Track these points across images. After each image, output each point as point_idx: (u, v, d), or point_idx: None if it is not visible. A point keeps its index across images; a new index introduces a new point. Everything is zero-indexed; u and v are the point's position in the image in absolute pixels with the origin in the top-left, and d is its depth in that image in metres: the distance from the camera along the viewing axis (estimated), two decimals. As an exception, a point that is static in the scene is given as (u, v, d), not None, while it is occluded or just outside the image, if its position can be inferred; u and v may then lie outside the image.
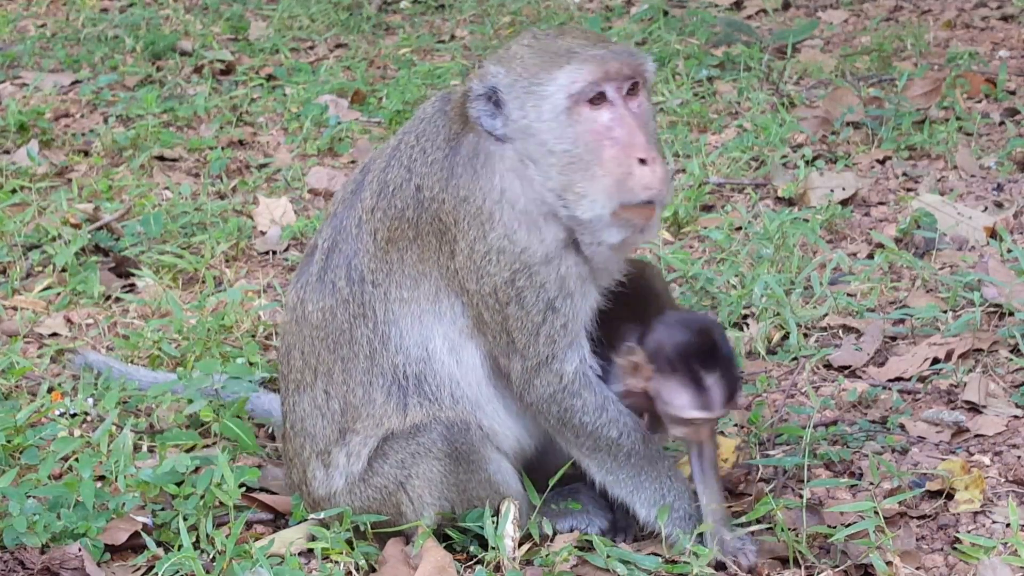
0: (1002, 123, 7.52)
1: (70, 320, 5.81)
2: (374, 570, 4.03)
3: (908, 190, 6.80)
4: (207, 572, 3.95)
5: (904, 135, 7.31)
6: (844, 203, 6.59)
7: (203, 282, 6.14)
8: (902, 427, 4.74)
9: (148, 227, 6.50)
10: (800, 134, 7.51)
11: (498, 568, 3.94)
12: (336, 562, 3.99)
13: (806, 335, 5.41)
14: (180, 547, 4.03)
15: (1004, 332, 5.19)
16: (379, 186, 4.08)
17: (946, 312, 5.42)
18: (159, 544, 4.15)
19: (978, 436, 4.66)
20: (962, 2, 10.08)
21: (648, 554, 4.03)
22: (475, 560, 4.01)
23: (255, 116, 8.37)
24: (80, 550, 4.06)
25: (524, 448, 4.16)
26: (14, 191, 7.02)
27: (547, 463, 4.19)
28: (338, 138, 7.86)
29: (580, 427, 4.02)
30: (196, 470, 4.29)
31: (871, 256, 6.05)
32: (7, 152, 7.72)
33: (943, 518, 4.21)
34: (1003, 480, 4.39)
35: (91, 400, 5.04)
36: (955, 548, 4.06)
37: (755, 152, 7.27)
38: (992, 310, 5.39)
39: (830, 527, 4.07)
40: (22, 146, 7.68)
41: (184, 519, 4.16)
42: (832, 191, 6.60)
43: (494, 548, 3.95)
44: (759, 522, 4.09)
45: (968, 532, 4.12)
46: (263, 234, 6.66)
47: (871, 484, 4.34)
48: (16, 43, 10.03)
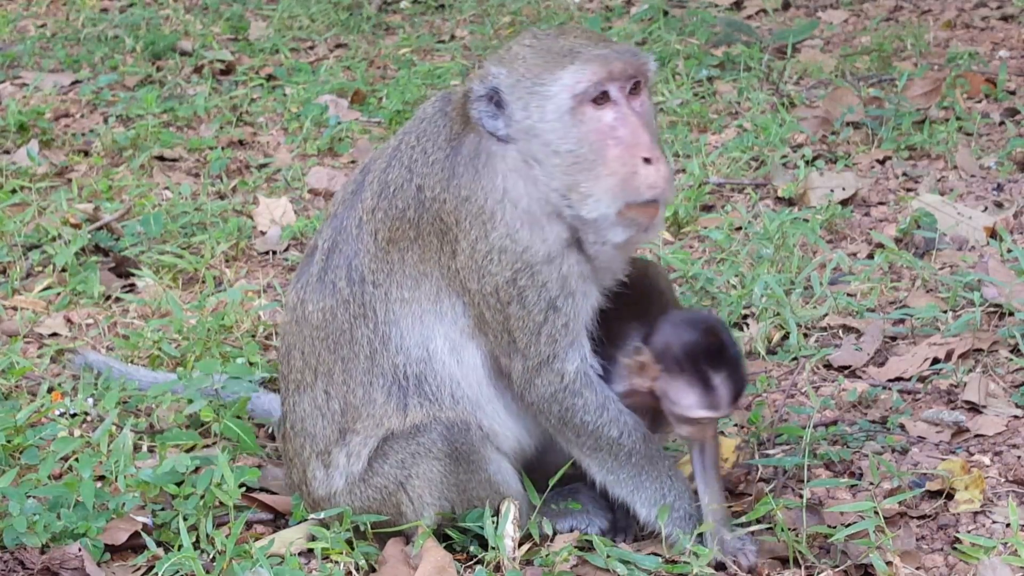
0: (1002, 123, 7.52)
1: (70, 320, 5.81)
2: (374, 570, 4.03)
3: (908, 190, 6.79)
4: (207, 572, 3.95)
5: (904, 135, 7.31)
6: (844, 203, 6.59)
7: (203, 282, 6.14)
8: (902, 427, 4.73)
9: (148, 227, 6.50)
10: (800, 134, 7.51)
11: (498, 568, 3.94)
12: (336, 562, 3.99)
13: (806, 335, 5.41)
14: (180, 547, 4.03)
15: (1004, 332, 5.19)
16: (380, 186, 4.08)
17: (946, 312, 5.42)
18: (159, 544, 4.15)
19: (978, 436, 4.66)
20: (962, 2, 10.08)
21: (648, 554, 4.03)
22: (475, 560, 4.00)
23: (255, 116, 8.37)
24: (80, 550, 4.06)
25: (524, 448, 4.16)
26: (14, 191, 7.01)
27: (547, 463, 4.19)
28: (338, 138, 7.86)
29: (581, 426, 4.02)
30: (196, 470, 4.29)
31: (871, 256, 6.04)
32: (7, 152, 7.72)
33: (943, 518, 4.21)
34: (1003, 480, 4.39)
35: (91, 400, 5.04)
36: (955, 548, 4.06)
37: (755, 152, 7.27)
38: (992, 310, 5.38)
39: (830, 527, 4.06)
40: (22, 146, 7.67)
41: (184, 519, 4.15)
42: (832, 191, 6.60)
43: (494, 548, 3.94)
44: (759, 522, 4.09)
45: (968, 532, 4.12)
46: (263, 234, 6.66)
47: (871, 484, 4.34)
48: (16, 43, 10.03)
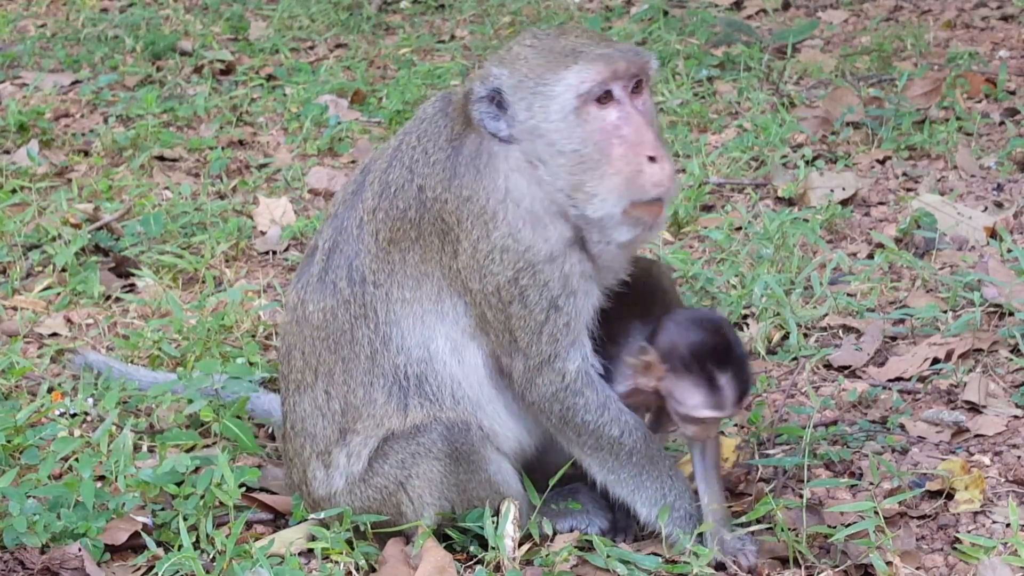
0: (1002, 123, 7.52)
1: (70, 320, 5.81)
2: (374, 570, 4.03)
3: (908, 190, 6.79)
4: (207, 572, 3.95)
5: (904, 135, 7.31)
6: (844, 203, 6.59)
7: (203, 282, 6.14)
8: (902, 427, 4.73)
9: (148, 227, 6.50)
10: (800, 134, 7.51)
11: (498, 568, 3.94)
12: (336, 562, 3.99)
13: (806, 335, 5.41)
14: (180, 547, 4.03)
15: (1004, 332, 5.19)
16: (381, 187, 4.08)
17: (946, 312, 5.42)
18: (159, 544, 4.15)
19: (978, 436, 4.65)
20: (962, 2, 10.08)
21: (648, 554, 4.03)
22: (475, 560, 4.00)
23: (255, 116, 8.37)
24: (80, 550, 4.06)
25: (524, 448, 4.16)
26: (14, 191, 7.01)
27: (547, 463, 4.19)
28: (338, 138, 7.86)
29: (582, 426, 4.02)
30: (196, 470, 4.29)
31: (871, 256, 6.04)
32: (7, 152, 7.72)
33: (943, 518, 4.21)
34: (1003, 480, 4.39)
35: (91, 400, 5.04)
36: (955, 548, 4.06)
37: (755, 152, 7.26)
38: (992, 310, 5.38)
39: (830, 527, 4.06)
40: (22, 146, 7.67)
41: (184, 519, 4.15)
42: (832, 191, 6.60)
43: (494, 548, 3.94)
44: (759, 522, 4.09)
45: (968, 532, 4.11)
46: (263, 234, 6.66)
47: (871, 484, 4.34)
48: (16, 43, 10.03)
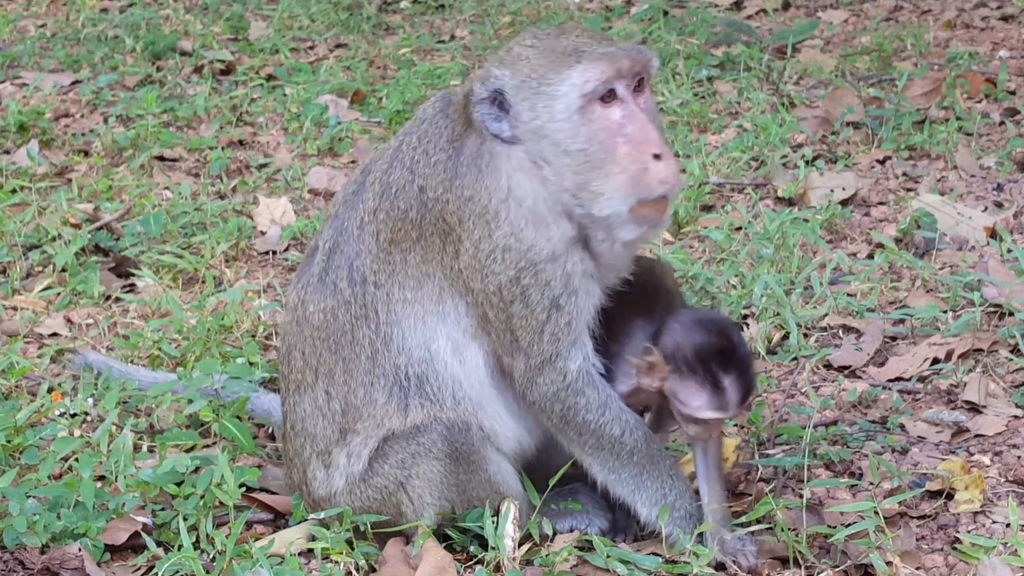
0: (1002, 123, 7.52)
1: (70, 320, 5.81)
2: (374, 570, 4.03)
3: (908, 190, 6.79)
4: (207, 572, 3.95)
5: (904, 135, 7.31)
6: (844, 203, 6.59)
7: (203, 282, 6.14)
8: (902, 427, 4.73)
9: (148, 227, 6.50)
10: (800, 134, 7.50)
11: (498, 568, 3.94)
12: (336, 562, 3.99)
13: (806, 335, 5.41)
14: (180, 547, 4.03)
15: (1004, 332, 5.19)
16: (381, 187, 4.07)
17: (946, 312, 5.42)
18: (159, 544, 4.15)
19: (978, 436, 4.65)
20: (962, 2, 10.08)
21: (648, 554, 4.03)
22: (475, 560, 4.00)
23: (255, 116, 8.37)
24: (80, 550, 4.06)
25: (524, 448, 4.16)
26: (14, 191, 7.01)
27: (547, 463, 4.19)
28: (338, 138, 7.86)
29: (583, 425, 4.02)
30: (196, 470, 4.29)
31: (871, 256, 6.04)
32: (7, 152, 7.72)
33: (943, 518, 4.21)
34: (1003, 480, 4.39)
35: (91, 400, 5.04)
36: (955, 548, 4.05)
37: (755, 152, 7.26)
38: (992, 310, 5.38)
39: (830, 527, 4.06)
40: (22, 146, 7.67)
41: (184, 519, 4.15)
42: (832, 191, 6.59)
43: (494, 548, 3.94)
44: (759, 522, 4.09)
45: (968, 532, 4.11)
46: (263, 234, 6.66)
47: (871, 484, 4.34)
48: (16, 43, 10.03)
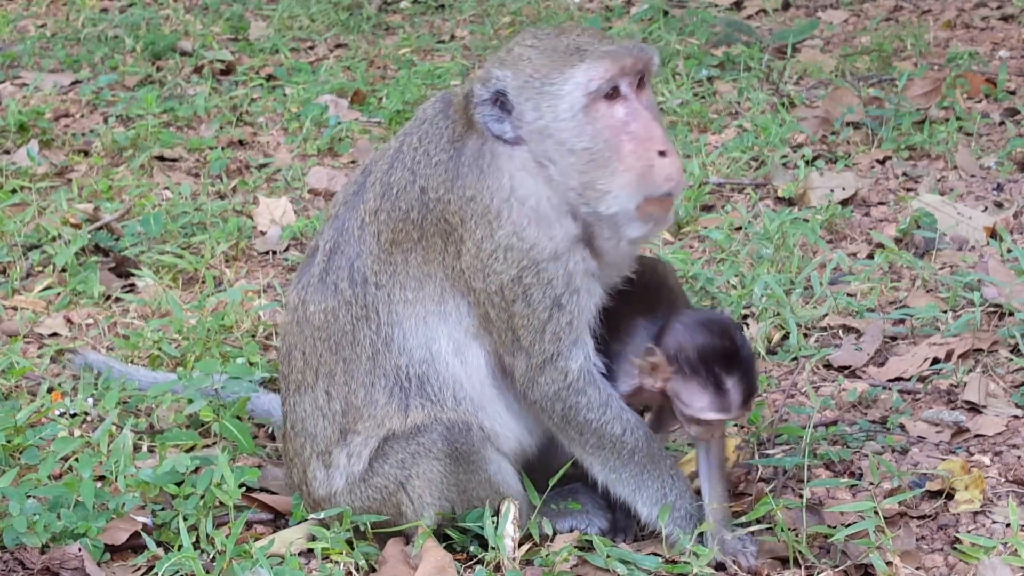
0: (1002, 123, 7.51)
1: (70, 320, 5.81)
2: (374, 570, 4.03)
3: (908, 190, 6.79)
4: (207, 572, 3.95)
5: (904, 135, 7.31)
6: (844, 203, 6.59)
7: (203, 282, 6.14)
8: (902, 427, 4.73)
9: (148, 227, 6.50)
10: (800, 134, 7.50)
11: (498, 568, 3.94)
12: (336, 562, 3.99)
13: (806, 335, 5.41)
14: (180, 547, 4.03)
15: (1004, 332, 5.19)
16: (382, 188, 4.07)
17: (946, 312, 5.42)
18: (159, 544, 4.15)
19: (978, 436, 4.65)
20: (962, 2, 10.08)
21: (648, 554, 4.03)
22: (475, 560, 4.00)
23: (255, 116, 8.37)
24: (80, 550, 4.06)
25: (525, 449, 4.16)
26: (14, 191, 7.01)
27: (547, 463, 4.19)
28: (338, 138, 7.86)
29: (584, 424, 4.01)
30: (196, 470, 4.29)
31: (871, 256, 6.04)
32: (7, 152, 7.72)
33: (943, 518, 4.21)
34: (1003, 480, 4.39)
35: (91, 400, 5.04)
36: (955, 548, 4.05)
37: (755, 152, 7.26)
38: (992, 310, 5.38)
39: (830, 527, 4.06)
40: (22, 146, 7.67)
41: (184, 519, 4.15)
42: (832, 191, 6.59)
43: (494, 548, 3.94)
44: (759, 522, 4.08)
45: (968, 532, 4.11)
46: (263, 234, 6.66)
47: (871, 484, 4.34)
48: (16, 43, 10.03)
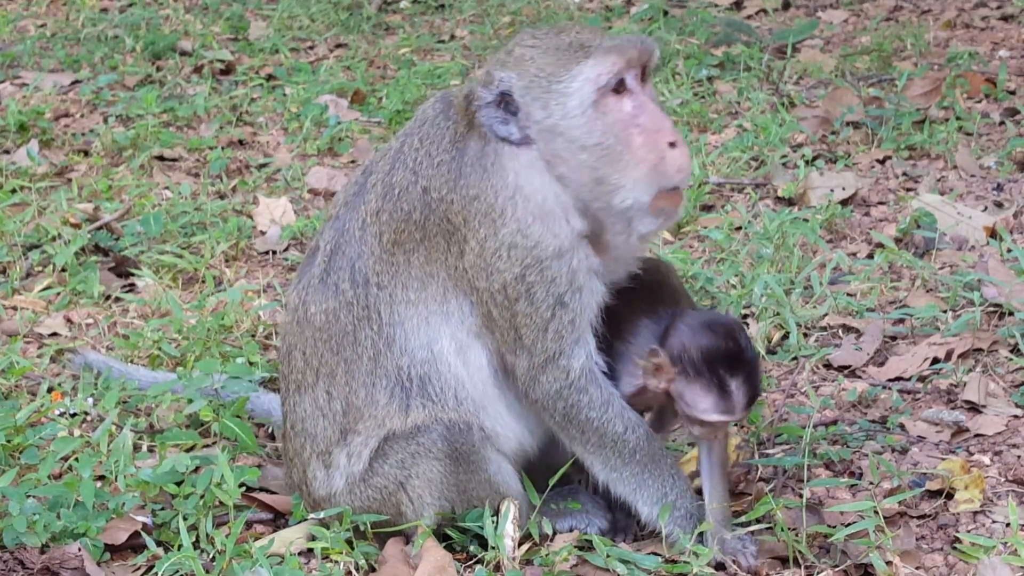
0: (1002, 123, 7.52)
1: (70, 320, 5.81)
2: (374, 570, 4.03)
3: (908, 190, 6.79)
4: (207, 572, 3.95)
5: (904, 135, 7.31)
6: (844, 203, 6.59)
7: (203, 282, 6.14)
8: (902, 427, 4.73)
9: (148, 227, 6.50)
10: (800, 134, 7.51)
11: (498, 568, 3.94)
12: (336, 562, 3.99)
13: (806, 335, 5.41)
14: (180, 547, 4.03)
15: (1004, 332, 5.19)
16: (384, 189, 4.07)
17: (946, 312, 5.42)
18: (159, 544, 4.15)
19: (978, 436, 4.65)
20: (962, 2, 10.08)
21: (648, 554, 4.03)
22: (475, 560, 4.00)
23: (255, 116, 8.37)
24: (80, 550, 4.06)
25: (525, 449, 4.16)
26: (14, 191, 7.01)
27: (547, 463, 4.19)
28: (338, 138, 7.86)
29: (586, 423, 4.01)
30: (196, 470, 4.29)
31: (871, 256, 6.04)
32: (7, 152, 7.72)
33: (943, 518, 4.21)
34: (1003, 480, 4.39)
35: (91, 400, 5.04)
36: (955, 548, 4.05)
37: (755, 152, 7.26)
38: (992, 310, 5.38)
39: (830, 527, 4.06)
40: (22, 146, 7.67)
41: (184, 519, 4.15)
42: (832, 191, 6.60)
43: (494, 548, 3.94)
44: (759, 522, 4.08)
45: (968, 532, 4.11)
46: (263, 234, 6.66)
47: (871, 484, 4.34)
48: (16, 43, 10.03)
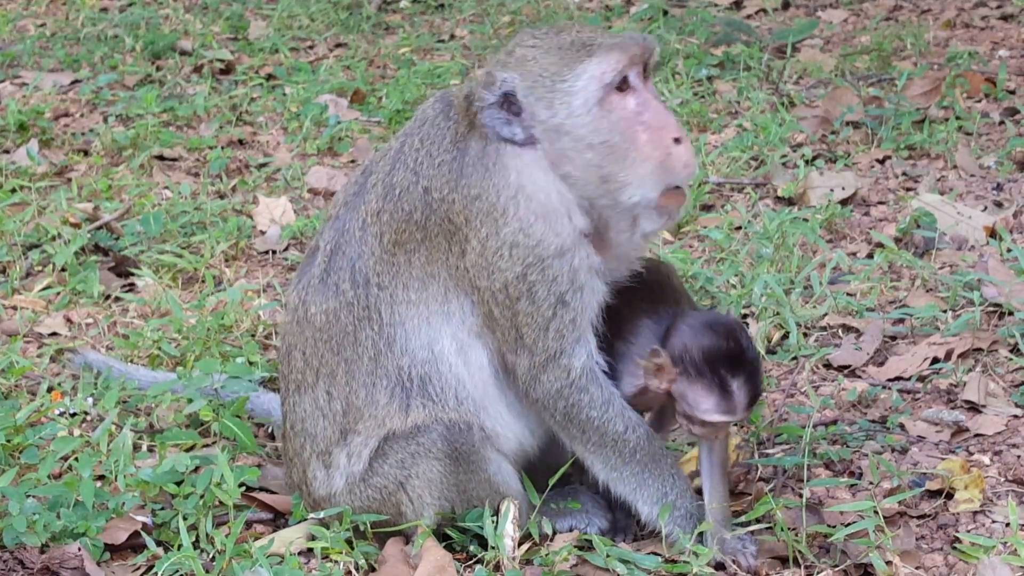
0: (1002, 123, 7.51)
1: (70, 320, 5.81)
2: (374, 570, 4.03)
3: (908, 190, 6.79)
4: (207, 572, 3.95)
5: (904, 135, 7.31)
6: (844, 203, 6.59)
7: (203, 282, 6.14)
8: (902, 427, 4.73)
9: (148, 227, 6.50)
10: (800, 134, 7.50)
11: (498, 568, 3.94)
12: (336, 562, 3.99)
13: (806, 335, 5.41)
14: (180, 547, 4.03)
15: (1004, 332, 5.19)
16: (384, 189, 4.07)
17: (946, 312, 5.42)
18: (159, 544, 4.15)
19: (978, 436, 4.65)
20: (962, 2, 10.08)
21: (648, 553, 4.03)
22: (475, 560, 4.00)
23: (255, 116, 8.37)
24: (80, 550, 4.06)
25: (525, 449, 4.16)
26: (14, 191, 7.01)
27: (547, 463, 4.19)
28: (338, 138, 7.86)
29: (587, 422, 4.01)
30: (196, 470, 4.29)
31: (871, 256, 6.04)
32: (7, 152, 7.72)
33: (943, 518, 4.21)
34: (1003, 480, 4.39)
35: (91, 400, 5.04)
36: (955, 548, 4.06)
37: (755, 152, 7.26)
38: (992, 310, 5.38)
39: (830, 527, 4.06)
40: (22, 146, 7.67)
41: (184, 519, 4.15)
42: (832, 191, 6.60)
43: (494, 548, 3.94)
44: (759, 522, 4.08)
45: (968, 532, 4.12)
46: (263, 234, 6.66)
47: (871, 484, 4.34)
48: (16, 43, 10.02)
